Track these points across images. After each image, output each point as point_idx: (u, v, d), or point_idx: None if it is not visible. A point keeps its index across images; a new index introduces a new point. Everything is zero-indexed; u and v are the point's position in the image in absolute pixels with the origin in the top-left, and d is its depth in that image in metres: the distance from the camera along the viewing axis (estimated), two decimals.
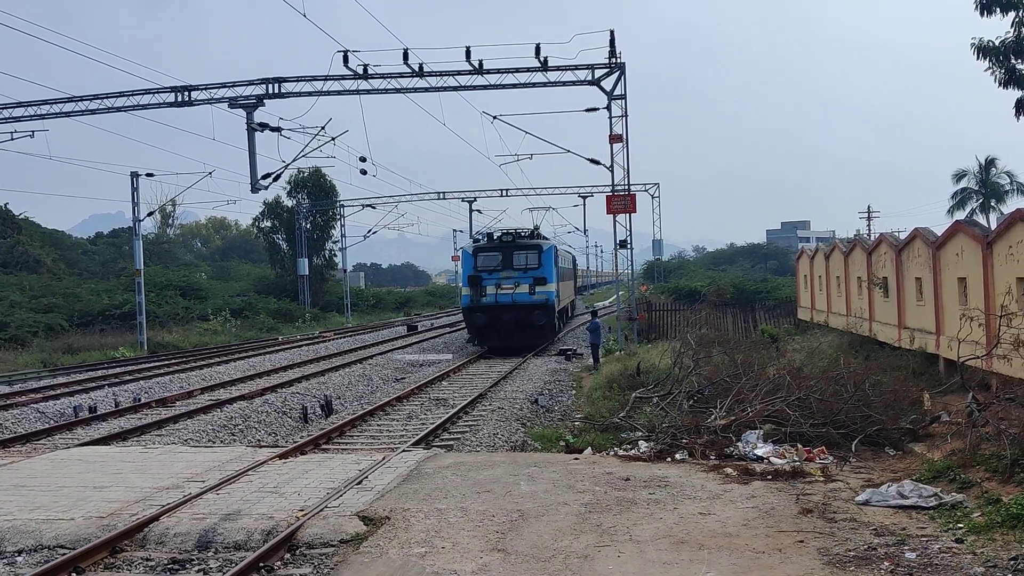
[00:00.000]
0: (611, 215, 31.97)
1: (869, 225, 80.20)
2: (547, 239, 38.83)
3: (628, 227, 32.61)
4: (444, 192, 65.52)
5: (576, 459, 13.98)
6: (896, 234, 26.13)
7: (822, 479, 12.03)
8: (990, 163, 70.58)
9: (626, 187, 31.85)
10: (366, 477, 12.46)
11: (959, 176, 71.37)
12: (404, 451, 14.63)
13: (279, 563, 9.16)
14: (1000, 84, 23.22)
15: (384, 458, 13.84)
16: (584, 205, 70.45)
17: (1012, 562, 8.12)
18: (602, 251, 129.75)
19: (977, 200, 70.86)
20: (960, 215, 67.24)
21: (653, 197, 72.76)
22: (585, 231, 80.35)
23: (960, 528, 9.39)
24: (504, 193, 65.72)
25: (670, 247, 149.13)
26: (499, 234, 35.68)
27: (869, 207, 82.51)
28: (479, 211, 70.53)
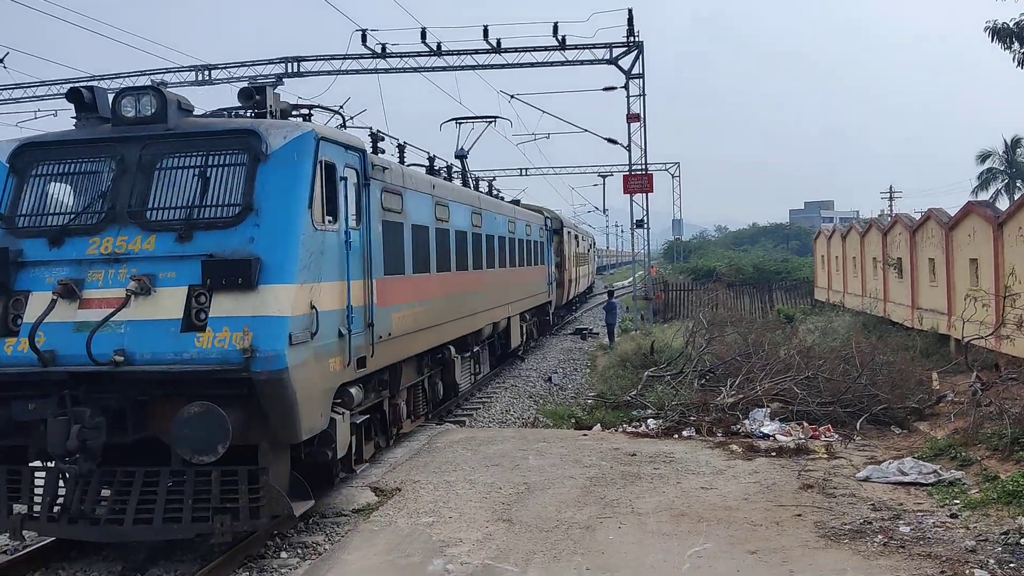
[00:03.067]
0: (628, 195, 32.04)
1: (891, 205, 79.38)
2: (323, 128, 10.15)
3: (645, 207, 32.67)
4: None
5: (585, 435, 14.25)
6: (915, 215, 26.10)
7: (825, 456, 12.23)
8: (1016, 143, 69.60)
9: (643, 166, 31.90)
10: (379, 450, 12.76)
11: (984, 156, 70.45)
12: (417, 426, 14.92)
13: (292, 531, 9.48)
14: (1019, 64, 23.15)
15: (397, 432, 14.16)
16: (604, 184, 70.52)
17: (1003, 536, 8.32)
18: (622, 231, 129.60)
19: (1002, 181, 70.00)
20: (984, 196, 66.50)
21: (673, 177, 72.61)
22: (605, 210, 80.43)
23: (956, 504, 9.58)
24: (524, 172, 65.71)
25: (692, 227, 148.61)
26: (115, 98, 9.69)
27: (891, 187, 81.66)
28: (498, 191, 70.53)
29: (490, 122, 22.28)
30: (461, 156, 20.70)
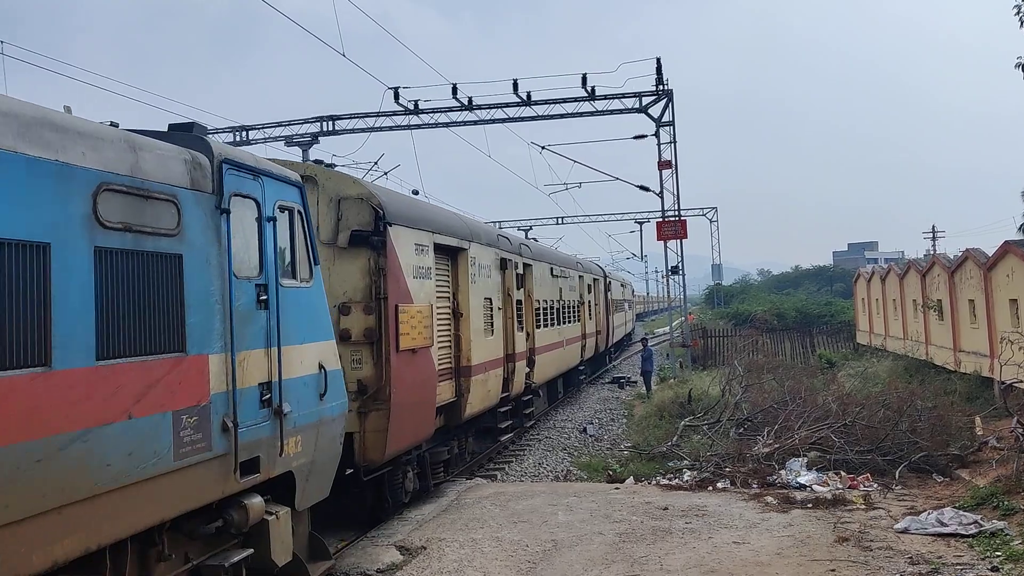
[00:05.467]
0: (662, 241, 31.94)
1: (934, 245, 78.05)
2: None
3: (679, 253, 32.52)
4: (499, 222, 65.92)
5: (617, 489, 14.02)
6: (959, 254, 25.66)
7: (863, 507, 11.90)
8: None
9: (676, 212, 31.82)
10: (407, 507, 12.68)
11: None
12: (447, 481, 14.81)
13: None
14: None
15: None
16: (640, 231, 70.36)
17: None
18: (661, 276, 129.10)
19: None
20: None
21: (711, 221, 72.28)
22: (643, 257, 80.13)
23: (998, 556, 9.23)
24: (560, 221, 66.01)
25: (734, 270, 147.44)
26: None
27: (933, 227, 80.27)
28: (535, 239, 70.89)
29: None
30: None
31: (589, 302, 29.92)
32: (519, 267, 18.32)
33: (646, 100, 31.10)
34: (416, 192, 39.05)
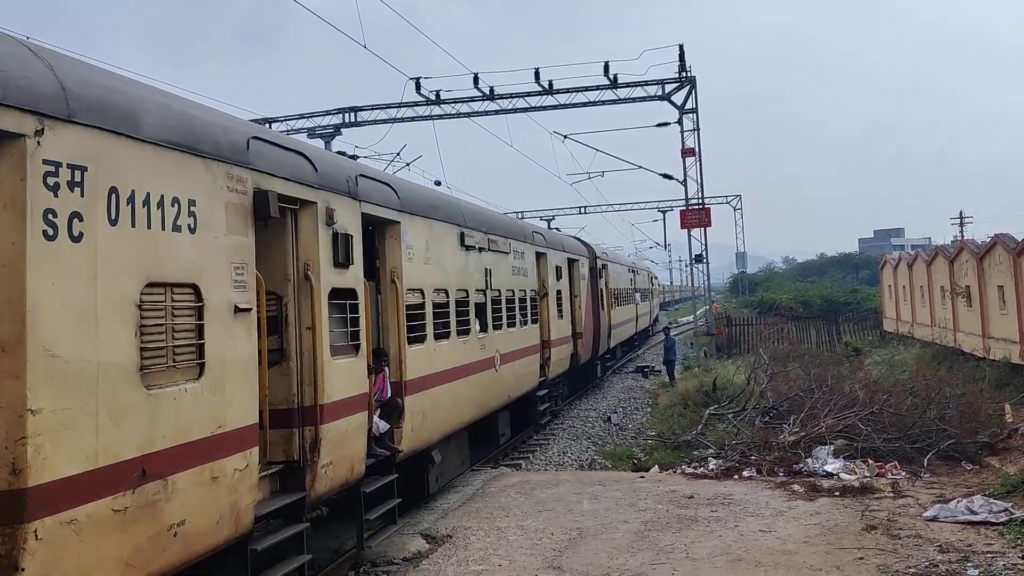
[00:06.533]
0: (685, 229, 31.78)
1: (961, 231, 77.09)
2: None
3: (703, 241, 32.34)
4: (522, 212, 65.89)
5: (642, 477, 14.00)
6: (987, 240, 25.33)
7: (891, 495, 11.80)
8: None
9: (700, 200, 31.65)
10: (432, 497, 12.72)
11: None
12: (472, 470, 14.85)
13: None
14: None
15: (452, 478, 14.09)
16: (664, 219, 70.15)
17: None
18: (685, 265, 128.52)
19: None
20: None
21: (735, 209, 71.87)
22: (667, 245, 79.80)
23: None
24: (583, 210, 65.86)
25: (759, 258, 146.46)
26: None
27: (961, 212, 79.37)
28: (558, 229, 70.72)
29: None
30: None
31: (559, 292, 21.11)
32: (345, 221, 9.12)
33: (669, 87, 30.93)
34: (438, 183, 38.98)
